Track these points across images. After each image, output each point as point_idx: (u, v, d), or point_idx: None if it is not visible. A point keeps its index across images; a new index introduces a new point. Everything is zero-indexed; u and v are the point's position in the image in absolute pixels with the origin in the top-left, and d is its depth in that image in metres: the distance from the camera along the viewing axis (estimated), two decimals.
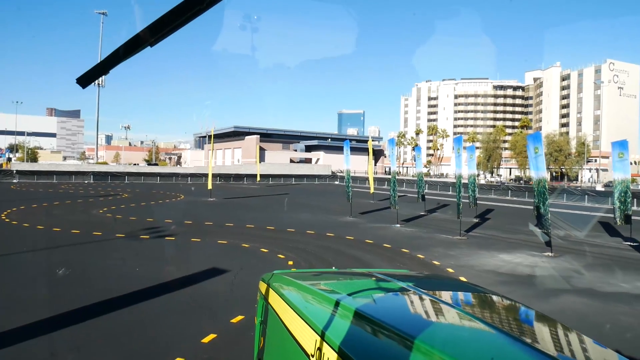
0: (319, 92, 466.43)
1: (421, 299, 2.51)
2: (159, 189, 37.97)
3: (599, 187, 56.04)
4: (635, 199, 31.59)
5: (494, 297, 2.77)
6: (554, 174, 78.22)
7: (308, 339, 2.07)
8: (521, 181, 71.56)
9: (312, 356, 1.99)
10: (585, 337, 2.03)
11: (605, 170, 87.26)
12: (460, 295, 2.90)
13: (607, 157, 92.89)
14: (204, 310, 7.06)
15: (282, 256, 11.12)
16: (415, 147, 26.40)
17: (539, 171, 13.35)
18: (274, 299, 2.74)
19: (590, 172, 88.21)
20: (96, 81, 69.02)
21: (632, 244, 14.85)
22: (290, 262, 10.44)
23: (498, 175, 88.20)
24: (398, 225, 17.73)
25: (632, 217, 15.50)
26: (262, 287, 3.14)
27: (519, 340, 1.82)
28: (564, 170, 73.34)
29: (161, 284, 8.33)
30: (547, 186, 12.94)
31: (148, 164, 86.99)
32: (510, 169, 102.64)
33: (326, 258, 11.10)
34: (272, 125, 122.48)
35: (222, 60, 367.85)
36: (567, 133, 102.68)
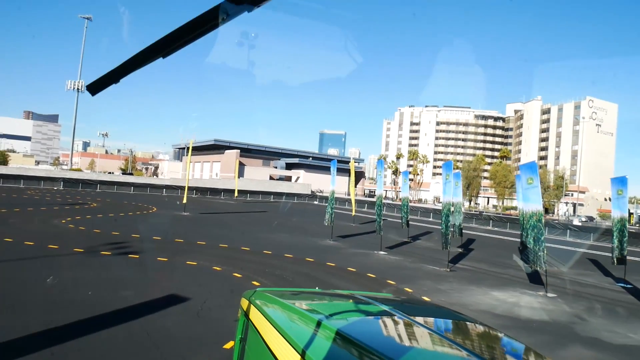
0: (301, 111, 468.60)
1: (402, 322, 2.55)
2: (131, 200, 36.33)
3: (576, 222, 56.26)
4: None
5: (474, 325, 2.78)
6: None
7: (289, 357, 2.08)
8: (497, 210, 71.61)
9: None
10: None
11: (582, 205, 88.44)
12: (441, 321, 2.91)
13: (584, 192, 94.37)
14: (155, 353, 5.89)
15: (256, 283, 9.99)
16: (403, 172, 25.65)
17: (530, 203, 12.55)
18: (256, 316, 2.73)
19: (566, 205, 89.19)
20: (74, 86, 67.00)
21: (625, 285, 14.14)
22: None
23: (476, 203, 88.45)
24: (382, 253, 16.74)
25: (624, 257, 14.79)
26: (244, 303, 3.10)
27: None
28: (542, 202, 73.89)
29: (112, 312, 7.12)
30: (543, 221, 12.13)
31: (123, 173, 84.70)
32: (488, 198, 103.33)
33: (305, 287, 10.00)
34: (253, 141, 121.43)
35: (206, 73, 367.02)
36: (546, 166, 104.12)
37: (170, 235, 16.96)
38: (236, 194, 49.30)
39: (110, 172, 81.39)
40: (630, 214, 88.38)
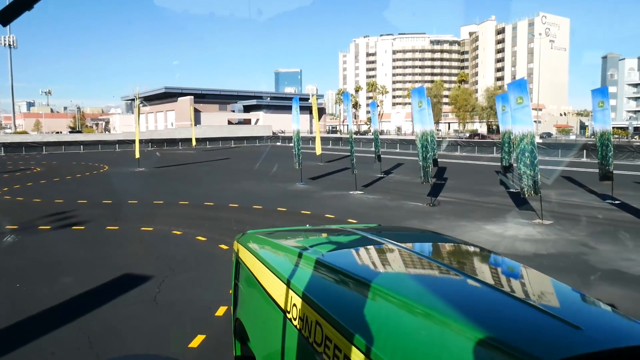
0: (254, 51, 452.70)
1: (392, 250, 2.57)
2: (81, 160, 33.61)
3: (537, 139, 56.87)
4: (583, 151, 31.40)
5: (465, 246, 2.81)
6: (494, 127, 79.21)
7: (283, 295, 2.08)
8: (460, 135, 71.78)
9: (288, 312, 2.02)
10: (553, 280, 2.06)
11: (539, 122, 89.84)
12: (432, 245, 2.95)
13: (541, 109, 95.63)
14: None
15: (224, 246, 8.59)
16: (371, 104, 24.11)
17: (520, 124, 11.37)
18: (248, 258, 2.75)
19: None
20: (5, 42, 61.04)
21: (612, 202, 13.53)
22: None
23: (438, 130, 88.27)
24: (358, 193, 15.55)
25: (611, 172, 14.05)
26: (237, 247, 3.07)
27: (477, 281, 2.00)
28: None
29: (44, 311, 5.60)
30: (536, 143, 11.04)
31: (71, 132, 79.82)
32: (449, 123, 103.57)
33: None
34: (207, 86, 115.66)
35: (149, 16, 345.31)
36: (502, 87, 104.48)
37: (124, 196, 15.17)
38: (194, 142, 46.82)
39: (58, 132, 76.25)
40: (585, 126, 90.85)
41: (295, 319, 1.97)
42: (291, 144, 18.99)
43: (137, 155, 25.13)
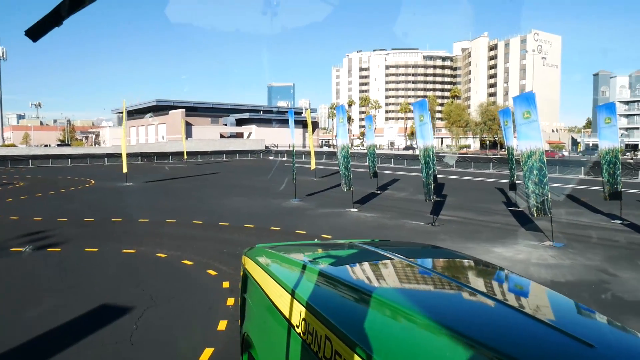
0: (247, 65, 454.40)
1: (402, 266, 2.55)
2: (67, 174, 32.66)
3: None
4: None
5: (474, 263, 2.80)
6: (488, 143, 79.19)
7: (292, 309, 2.06)
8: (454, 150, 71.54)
9: (297, 326, 1.99)
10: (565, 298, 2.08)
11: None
12: (442, 261, 2.91)
13: None
14: None
15: (213, 272, 7.82)
16: (367, 117, 23.56)
17: (528, 140, 10.77)
18: (256, 272, 2.72)
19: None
20: None
21: (622, 222, 12.93)
22: (225, 284, 7.16)
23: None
24: (355, 210, 14.85)
25: (619, 191, 13.47)
26: (245, 260, 3.09)
27: (488, 297, 1.96)
28: (496, 138, 74.15)
29: (4, 354, 4.80)
30: (544, 159, 10.43)
31: (59, 145, 78.62)
32: (442, 138, 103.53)
33: None
34: (199, 99, 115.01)
35: (143, 31, 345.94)
36: (495, 103, 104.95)
37: (107, 213, 14.34)
38: (185, 156, 46.02)
39: (46, 145, 75.01)
40: (577, 142, 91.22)
41: (304, 333, 1.94)
42: (284, 158, 18.36)
43: (125, 169, 24.28)
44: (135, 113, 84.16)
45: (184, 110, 71.57)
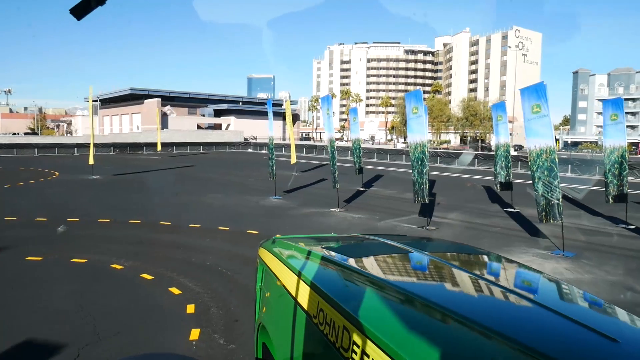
0: (227, 56, 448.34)
1: (423, 260, 2.59)
2: (31, 165, 30.57)
3: (512, 152, 56.25)
4: (568, 165, 30.36)
5: (495, 258, 2.86)
6: (469, 138, 78.83)
7: (310, 301, 2.07)
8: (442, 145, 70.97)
9: (315, 317, 1.99)
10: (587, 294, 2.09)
11: (511, 134, 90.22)
12: (464, 255, 2.88)
13: (512, 122, 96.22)
14: None
15: (176, 290, 6.49)
16: (351, 110, 22.29)
17: (537, 137, 9.67)
18: (274, 264, 2.74)
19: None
20: None
21: (626, 227, 12.02)
22: (190, 308, 5.84)
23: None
24: (341, 210, 13.61)
25: (625, 194, 12.52)
26: (262, 252, 3.11)
27: (512, 293, 1.95)
28: (478, 134, 73.75)
29: None
30: (556, 160, 9.33)
31: (26, 133, 75.39)
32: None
33: (252, 288, 6.68)
34: (176, 88, 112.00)
35: (119, 15, 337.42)
36: (475, 98, 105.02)
37: (63, 212, 12.77)
38: (159, 147, 44.07)
39: (14, 134, 71.69)
40: (556, 139, 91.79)
41: (321, 324, 1.92)
42: (263, 151, 17.06)
43: (91, 161, 22.52)
44: (110, 102, 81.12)
45: (160, 99, 69.10)
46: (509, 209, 14.55)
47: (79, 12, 1.48)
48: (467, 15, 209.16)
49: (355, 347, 1.63)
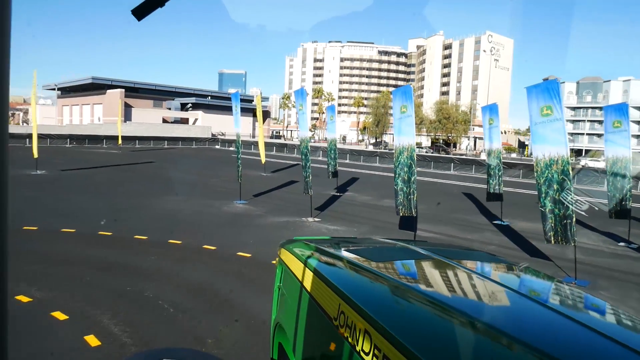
0: (198, 50, 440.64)
1: (441, 265, 2.53)
2: None
3: (484, 157, 55.85)
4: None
5: (520, 269, 2.76)
6: (441, 141, 78.47)
7: (331, 302, 2.03)
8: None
9: (335, 319, 1.94)
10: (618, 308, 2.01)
11: (482, 138, 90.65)
12: (491, 265, 2.85)
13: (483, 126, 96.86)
14: None
15: (94, 341, 4.75)
16: (328, 107, 20.69)
17: (547, 144, 8.32)
18: (294, 264, 2.71)
19: (468, 140, 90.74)
20: None
21: (628, 245, 10.88)
22: None
23: (385, 142, 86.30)
24: (314, 220, 12.01)
25: (628, 209, 11.37)
26: (282, 253, 3.06)
27: (541, 305, 1.88)
28: (450, 137, 73.42)
29: None
30: (569, 172, 7.97)
31: None
32: (392, 135, 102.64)
33: (204, 334, 4.98)
34: (142, 79, 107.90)
35: (86, 2, 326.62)
36: (448, 101, 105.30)
37: None
38: (120, 141, 41.41)
39: None
40: (524, 145, 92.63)
41: (341, 326, 1.88)
42: (231, 148, 15.44)
43: (36, 154, 20.24)
44: (70, 90, 77.14)
45: (123, 90, 65.91)
46: (498, 221, 13.28)
47: (139, 13, 1.47)
48: (441, 17, 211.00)
49: (376, 352, 1.58)
